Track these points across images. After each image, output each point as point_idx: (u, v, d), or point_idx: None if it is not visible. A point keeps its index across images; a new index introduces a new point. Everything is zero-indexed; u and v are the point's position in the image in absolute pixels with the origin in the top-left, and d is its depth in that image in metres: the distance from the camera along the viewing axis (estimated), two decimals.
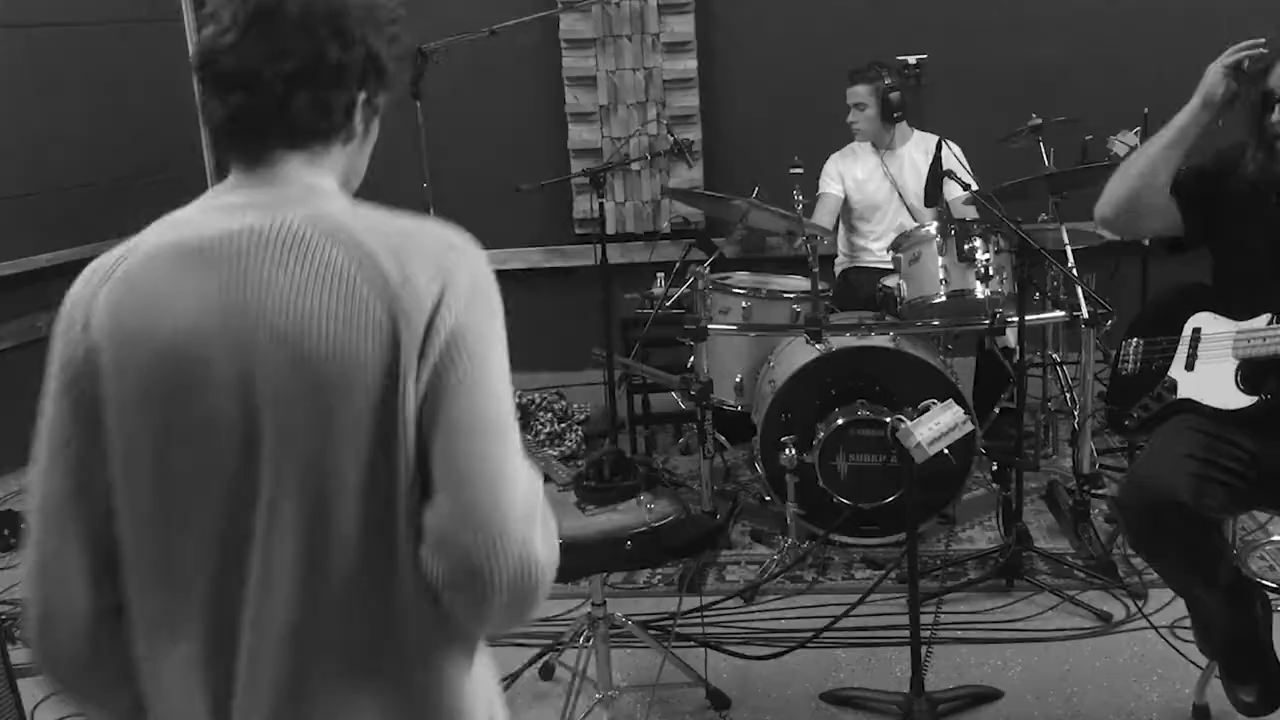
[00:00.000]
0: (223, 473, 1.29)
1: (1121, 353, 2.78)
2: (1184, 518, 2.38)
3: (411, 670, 1.32)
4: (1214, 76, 2.51)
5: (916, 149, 4.62)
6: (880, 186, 4.63)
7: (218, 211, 1.38)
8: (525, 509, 1.32)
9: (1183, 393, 2.59)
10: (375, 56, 1.38)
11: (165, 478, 1.32)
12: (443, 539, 1.27)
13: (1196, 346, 2.59)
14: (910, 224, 4.50)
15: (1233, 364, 2.51)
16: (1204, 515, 2.39)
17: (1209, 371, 2.55)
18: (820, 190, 4.68)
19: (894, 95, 4.50)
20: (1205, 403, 2.55)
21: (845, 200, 4.72)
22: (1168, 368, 2.63)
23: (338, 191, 1.40)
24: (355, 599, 1.29)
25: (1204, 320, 2.59)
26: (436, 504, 1.28)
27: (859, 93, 4.54)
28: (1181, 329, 2.64)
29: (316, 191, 1.36)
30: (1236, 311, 2.54)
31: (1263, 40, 2.44)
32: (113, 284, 1.41)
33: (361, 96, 1.39)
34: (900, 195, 4.59)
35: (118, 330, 1.35)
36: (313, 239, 1.30)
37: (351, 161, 1.44)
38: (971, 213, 4.00)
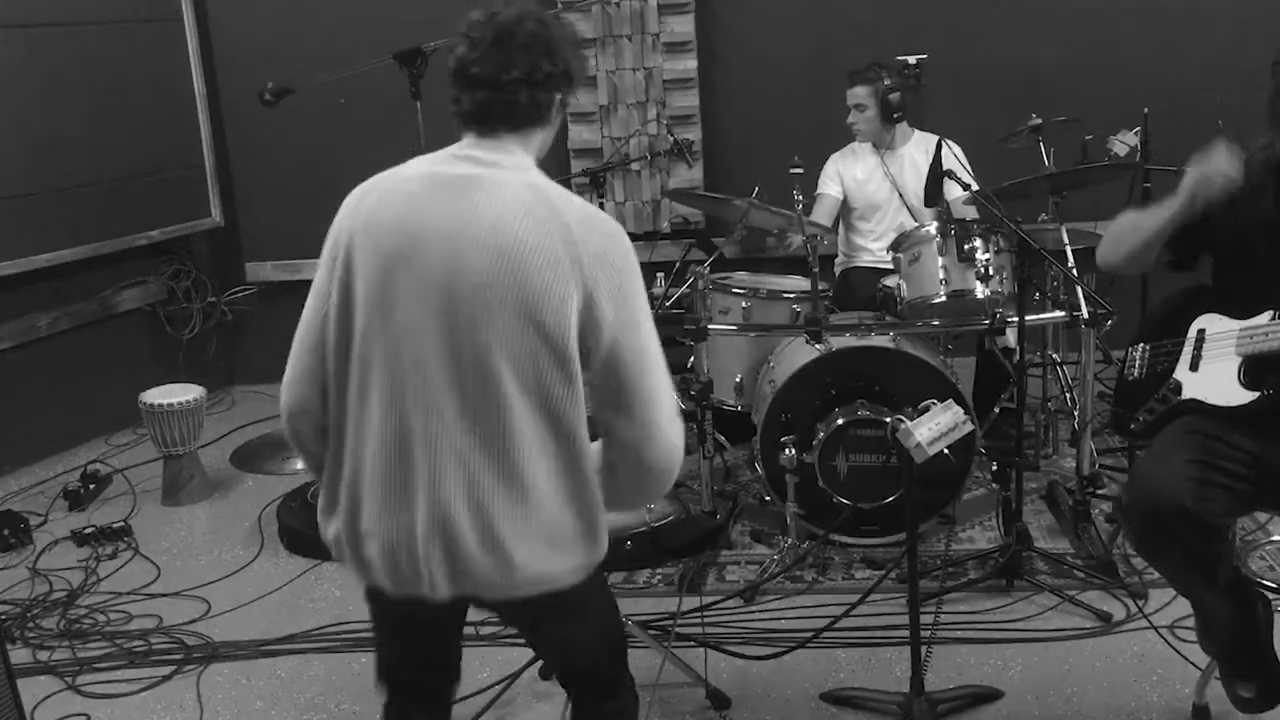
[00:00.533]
0: (417, 332, 1.92)
1: (1127, 359, 2.78)
2: (1186, 522, 2.38)
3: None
4: (1192, 183, 2.50)
5: (917, 149, 4.62)
6: (880, 186, 4.63)
7: (455, 161, 2.03)
8: (674, 416, 2.02)
9: (1187, 393, 2.59)
10: (569, 70, 2.03)
11: (382, 329, 1.95)
12: (628, 447, 1.98)
13: (1201, 347, 2.60)
14: (910, 224, 4.51)
15: (1236, 361, 2.52)
16: (1206, 519, 2.39)
17: (1213, 371, 2.56)
18: (819, 190, 4.69)
19: (894, 96, 4.50)
20: (1209, 401, 2.55)
21: (845, 200, 4.72)
22: (1173, 370, 2.63)
23: (533, 164, 2.05)
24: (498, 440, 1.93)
25: (1208, 321, 2.59)
26: (620, 422, 1.97)
27: (858, 94, 4.55)
28: (1186, 331, 2.64)
29: (522, 161, 2.03)
30: (1240, 311, 2.54)
31: (1239, 178, 2.46)
32: (374, 193, 2.04)
33: (558, 97, 2.04)
34: (900, 195, 4.59)
35: (374, 223, 1.99)
36: (519, 188, 1.97)
37: (544, 142, 2.09)
38: (971, 212, 4.00)
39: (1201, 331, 2.59)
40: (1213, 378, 2.55)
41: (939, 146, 3.81)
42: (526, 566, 1.95)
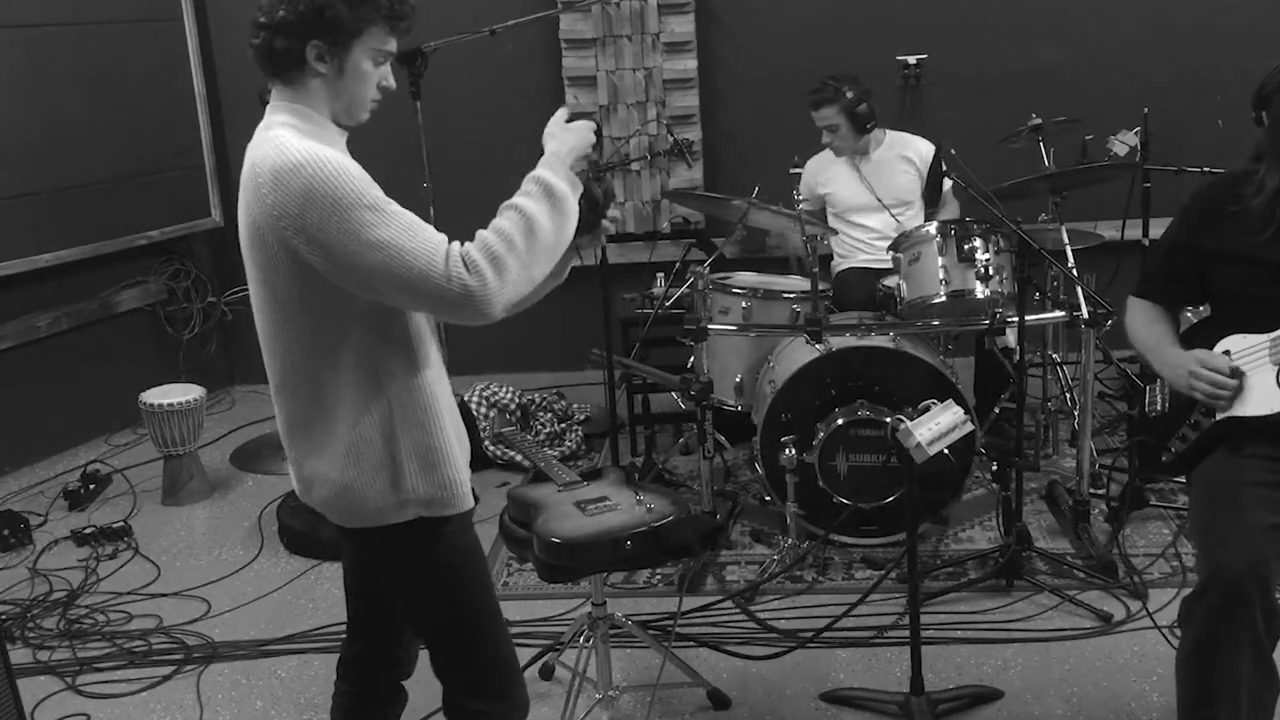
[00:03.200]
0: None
1: (1149, 396, 2.77)
2: (1265, 603, 2.27)
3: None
4: (1182, 386, 2.57)
5: (890, 151, 4.63)
6: (857, 192, 4.64)
7: None
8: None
9: (1221, 414, 2.55)
10: (314, 12, 1.97)
11: None
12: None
13: None
14: (891, 224, 4.52)
15: (1273, 370, 2.47)
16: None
17: (1248, 384, 2.52)
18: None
19: (861, 108, 4.50)
20: (1248, 414, 2.50)
21: (827, 203, 4.74)
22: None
23: (287, 116, 2.04)
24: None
25: (1232, 341, 2.56)
26: None
27: (826, 115, 4.54)
28: None
29: (274, 119, 2.04)
30: (1261, 326, 2.52)
31: (1236, 385, 2.51)
32: None
33: (313, 45, 1.99)
34: (879, 200, 4.60)
35: None
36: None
37: (333, 92, 2.05)
38: (953, 212, 4.00)
39: (1226, 352, 2.56)
40: (1248, 391, 2.51)
41: (938, 149, 3.81)
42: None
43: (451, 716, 2.29)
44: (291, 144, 1.94)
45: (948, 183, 3.74)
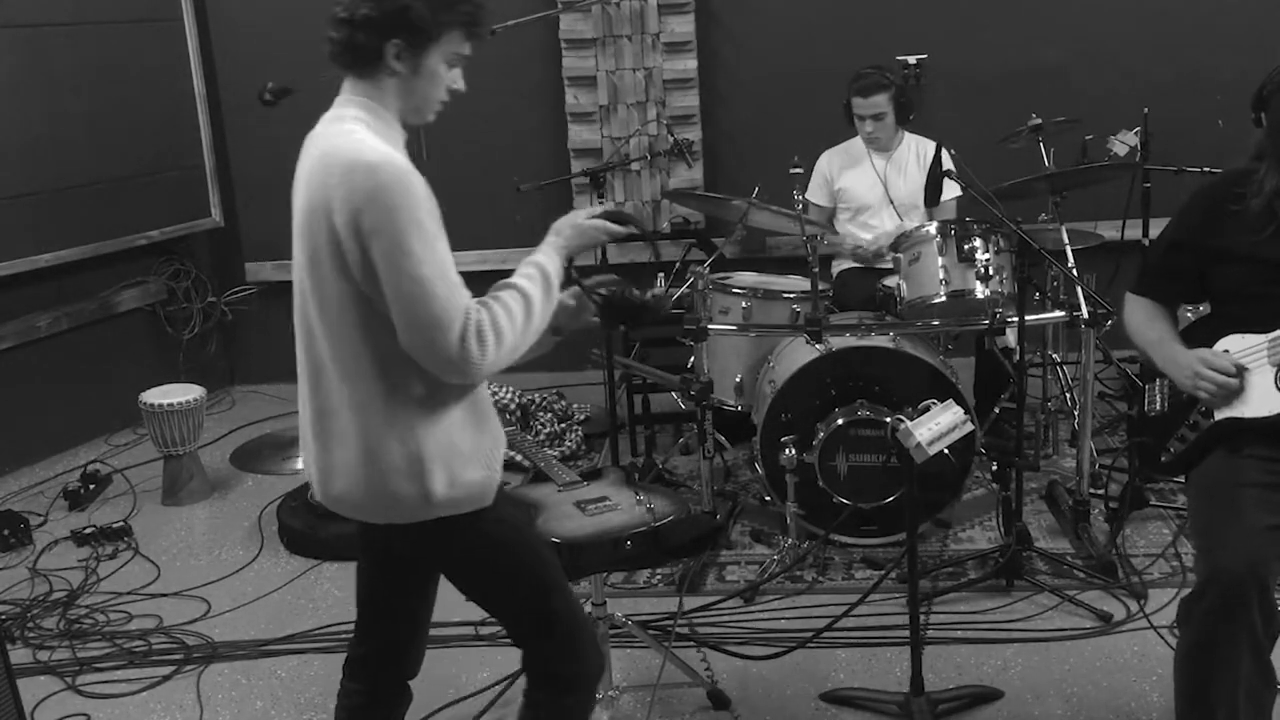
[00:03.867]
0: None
1: (1146, 396, 2.77)
2: (1264, 604, 2.27)
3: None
4: (1186, 385, 2.58)
5: (909, 151, 4.62)
6: (873, 188, 4.62)
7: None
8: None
9: (1220, 414, 2.55)
10: (398, 13, 2.03)
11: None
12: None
13: None
14: (892, 224, 4.51)
15: (1270, 371, 2.48)
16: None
17: (1247, 385, 2.51)
18: (806, 195, 4.59)
19: (904, 98, 4.50)
20: (1247, 415, 2.50)
21: (837, 198, 4.72)
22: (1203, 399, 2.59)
23: (360, 112, 2.09)
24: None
25: (1231, 341, 2.55)
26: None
27: (880, 103, 4.48)
28: None
29: (344, 112, 2.11)
30: (1260, 326, 2.52)
31: (1236, 380, 2.50)
32: None
33: (393, 44, 2.04)
34: (891, 199, 4.59)
35: None
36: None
37: (406, 91, 2.11)
38: (951, 212, 4.00)
39: (1225, 352, 2.57)
40: (1247, 392, 2.51)
41: (938, 149, 3.81)
42: None
43: (538, 684, 2.31)
44: (370, 143, 2.00)
45: (950, 192, 3.72)
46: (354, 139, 2.01)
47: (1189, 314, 3.10)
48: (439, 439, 2.07)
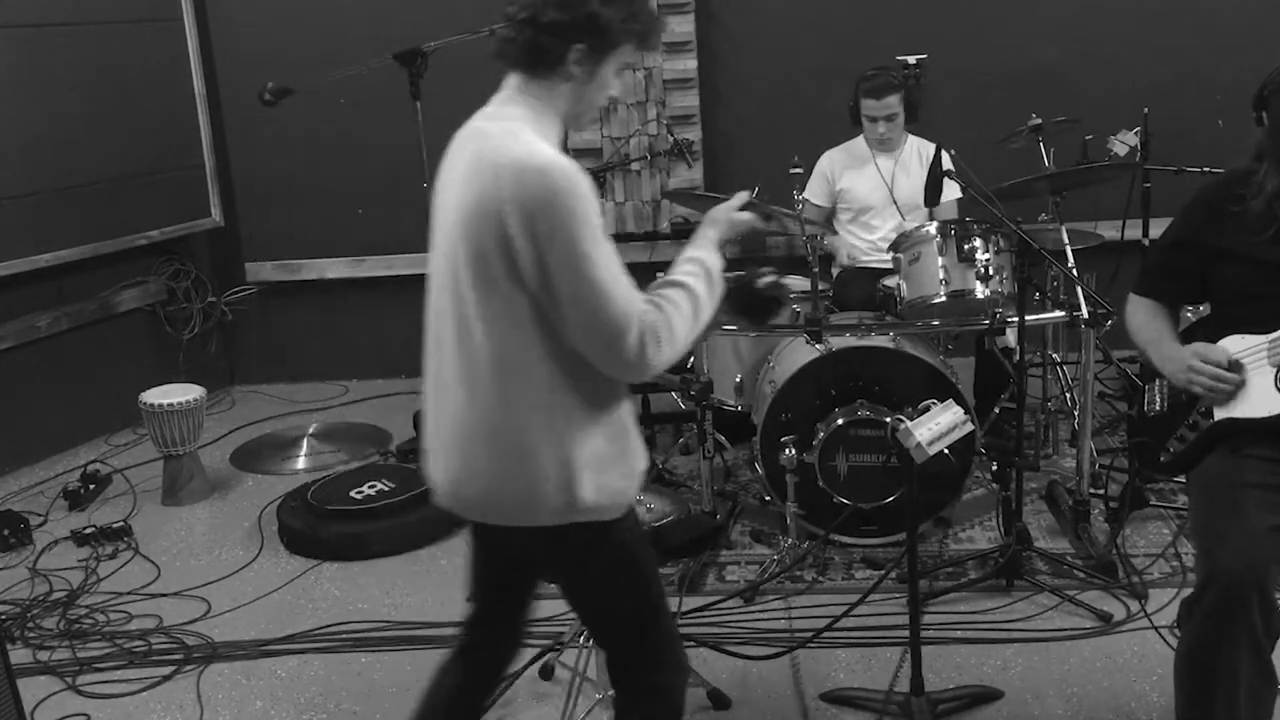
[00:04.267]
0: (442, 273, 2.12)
1: (1146, 396, 2.77)
2: (1264, 605, 2.27)
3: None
4: (1181, 380, 2.58)
5: (912, 152, 4.62)
6: (876, 188, 4.62)
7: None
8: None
9: (1220, 414, 2.55)
10: (589, 19, 2.03)
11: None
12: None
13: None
14: (892, 224, 4.51)
15: (1270, 372, 2.47)
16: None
17: (1246, 385, 2.51)
18: (805, 194, 4.58)
19: (913, 99, 4.50)
20: (1245, 416, 2.50)
21: (835, 203, 4.73)
22: (1199, 396, 2.58)
23: (526, 113, 2.08)
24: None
25: (1231, 342, 2.55)
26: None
27: (892, 104, 4.47)
28: None
29: (509, 111, 2.10)
30: (1260, 327, 2.52)
31: (1236, 379, 2.50)
32: None
33: (575, 48, 2.04)
34: (894, 200, 4.59)
35: None
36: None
37: (573, 95, 2.12)
38: (952, 213, 4.00)
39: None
40: (1246, 393, 2.51)
41: (938, 150, 3.81)
42: None
43: (630, 691, 2.31)
44: (538, 145, 2.00)
45: (950, 193, 3.72)
46: (521, 140, 2.00)
47: (1189, 315, 3.10)
48: (590, 445, 2.07)
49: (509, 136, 2.01)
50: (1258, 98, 2.53)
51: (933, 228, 3.81)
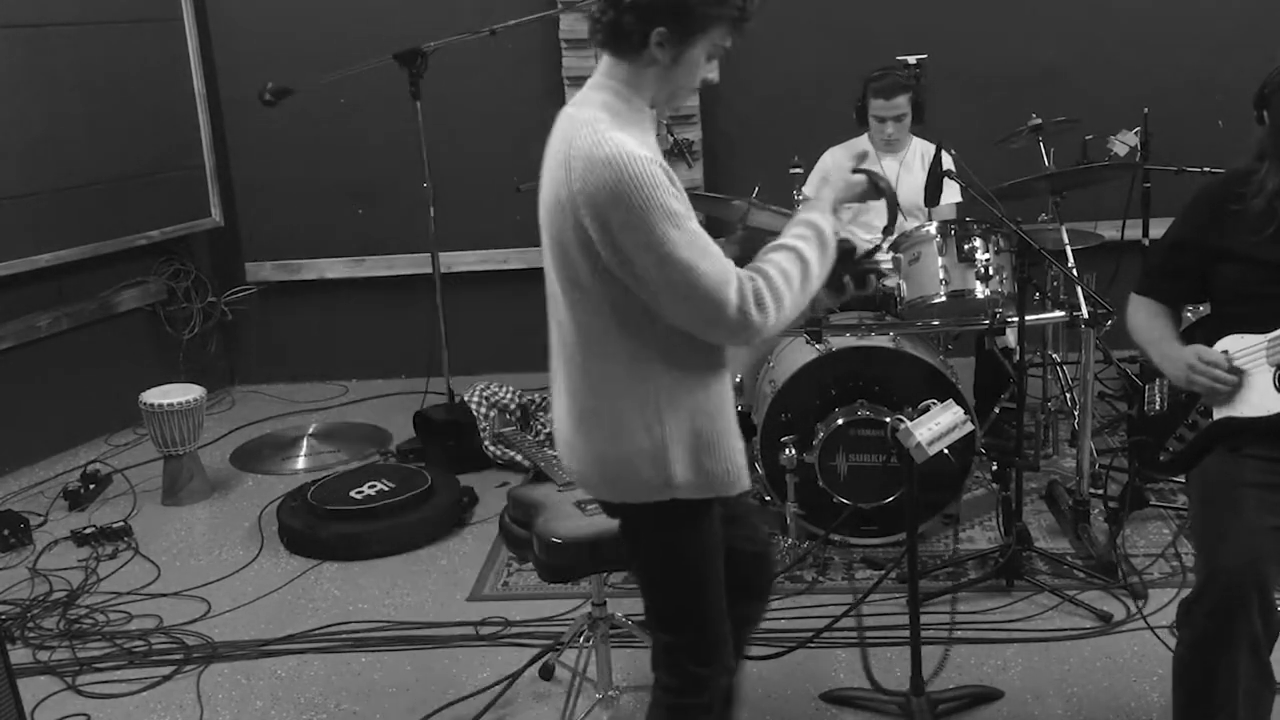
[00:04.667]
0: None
1: (1148, 396, 2.77)
2: (1264, 605, 2.28)
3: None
4: (1181, 380, 2.58)
5: (915, 152, 4.61)
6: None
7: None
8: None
9: (1219, 414, 2.55)
10: (669, 3, 2.01)
11: None
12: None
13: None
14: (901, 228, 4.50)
15: (1269, 371, 2.48)
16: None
17: (1246, 385, 2.51)
18: (807, 192, 4.59)
19: (920, 99, 4.49)
20: (1244, 415, 2.50)
21: None
22: (1199, 395, 2.59)
23: (604, 94, 2.11)
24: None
25: (1230, 341, 2.55)
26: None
27: (901, 104, 4.44)
28: None
29: (589, 96, 2.12)
30: (1259, 326, 2.52)
31: (1233, 379, 2.51)
32: None
33: (656, 31, 2.02)
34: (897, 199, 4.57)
35: None
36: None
37: (656, 79, 2.12)
38: (951, 213, 4.00)
39: (1225, 353, 2.56)
40: (1245, 392, 2.51)
41: (938, 149, 3.81)
42: None
43: (669, 674, 2.28)
44: (606, 135, 1.98)
45: (951, 196, 3.72)
46: (594, 131, 1.99)
47: (1189, 314, 3.10)
48: (685, 425, 2.09)
49: (584, 127, 2.01)
50: (1258, 96, 2.53)
51: (933, 227, 3.81)
